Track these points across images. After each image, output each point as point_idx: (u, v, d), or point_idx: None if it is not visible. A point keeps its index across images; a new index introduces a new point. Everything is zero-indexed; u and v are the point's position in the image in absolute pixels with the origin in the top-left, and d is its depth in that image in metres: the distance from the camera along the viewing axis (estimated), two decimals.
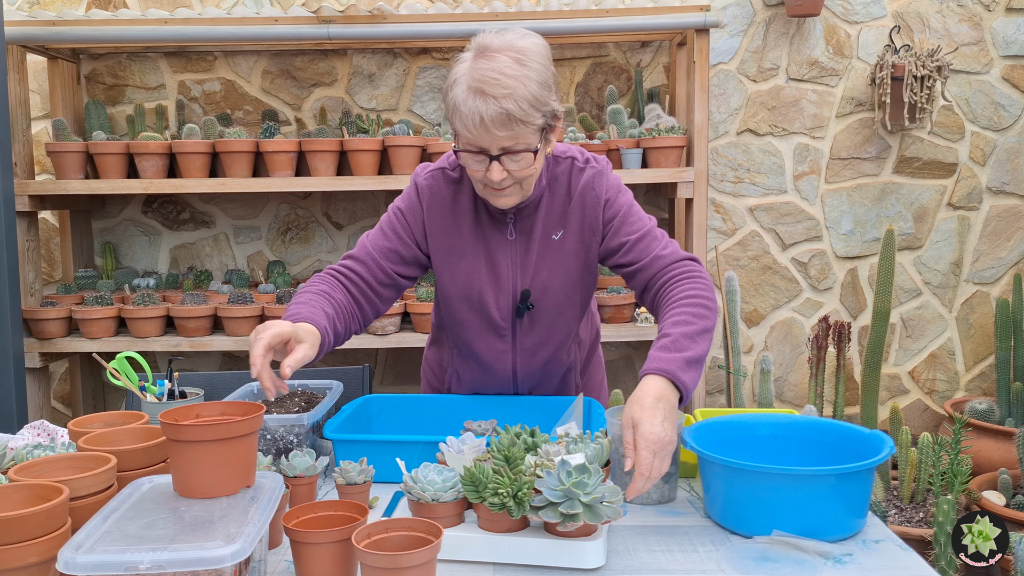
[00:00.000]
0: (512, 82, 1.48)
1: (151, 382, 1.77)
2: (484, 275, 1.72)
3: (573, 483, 1.20)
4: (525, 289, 1.73)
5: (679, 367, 1.44)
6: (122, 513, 1.11)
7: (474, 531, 1.27)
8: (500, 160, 1.54)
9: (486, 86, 1.48)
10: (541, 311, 1.75)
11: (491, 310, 1.74)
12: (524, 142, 1.53)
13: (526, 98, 1.49)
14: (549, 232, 1.71)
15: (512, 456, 1.28)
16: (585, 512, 1.19)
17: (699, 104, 3.03)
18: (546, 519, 1.20)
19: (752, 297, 3.56)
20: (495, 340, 1.78)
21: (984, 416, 3.17)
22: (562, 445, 1.34)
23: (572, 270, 1.73)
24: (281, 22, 3.01)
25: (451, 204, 1.72)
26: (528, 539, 1.24)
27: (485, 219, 1.72)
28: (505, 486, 1.21)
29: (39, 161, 3.40)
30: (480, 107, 1.48)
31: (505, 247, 1.72)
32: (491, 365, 1.82)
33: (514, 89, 1.48)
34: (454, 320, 1.80)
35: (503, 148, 1.52)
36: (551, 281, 1.73)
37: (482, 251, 1.72)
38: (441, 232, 1.72)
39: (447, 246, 1.73)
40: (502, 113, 1.47)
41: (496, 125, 1.48)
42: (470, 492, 1.25)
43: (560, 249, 1.71)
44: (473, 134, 1.51)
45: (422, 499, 1.27)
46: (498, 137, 1.50)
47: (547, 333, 1.78)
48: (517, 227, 1.71)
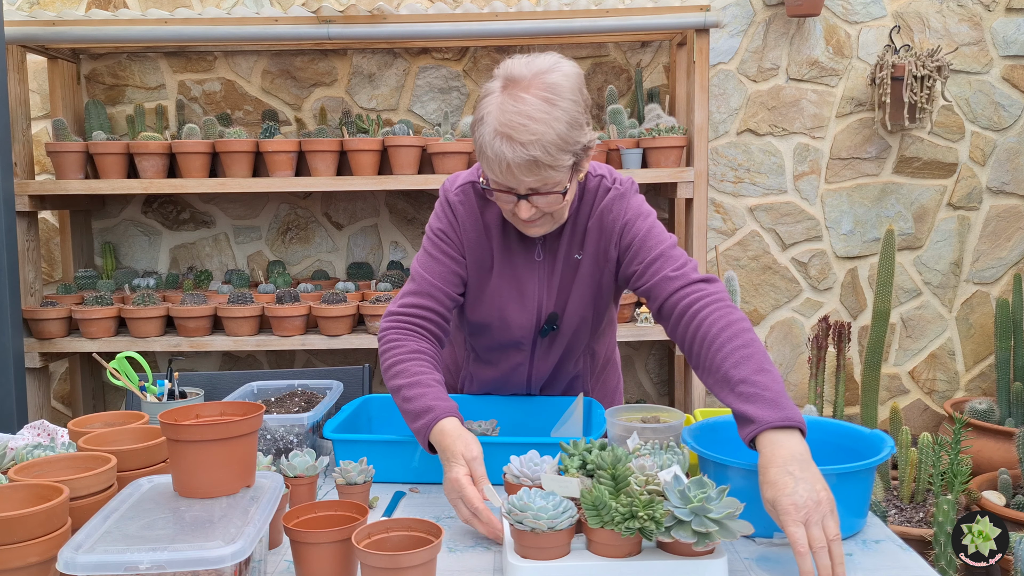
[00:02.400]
0: (540, 127, 1.43)
1: (151, 382, 1.77)
2: (509, 293, 1.70)
3: (700, 499, 1.14)
4: (553, 312, 1.71)
5: (788, 407, 1.29)
6: (122, 513, 1.11)
7: (594, 559, 1.18)
8: (528, 199, 1.52)
9: (513, 132, 1.43)
10: (562, 331, 1.74)
11: (513, 329, 1.72)
12: (552, 183, 1.50)
13: (554, 143, 1.44)
14: (572, 252, 1.69)
15: (620, 474, 1.19)
16: (720, 530, 1.13)
17: (699, 104, 3.03)
18: (680, 539, 1.13)
19: (752, 297, 3.56)
20: (515, 354, 1.78)
21: (984, 416, 3.17)
22: (645, 458, 1.28)
23: (589, 291, 1.71)
24: (281, 22, 3.01)
25: (481, 220, 1.69)
26: (654, 562, 1.17)
27: (513, 237, 1.69)
28: (642, 508, 1.14)
29: (39, 161, 3.40)
30: (507, 152, 1.44)
31: (532, 267, 1.70)
32: (506, 375, 1.82)
33: (542, 135, 1.43)
34: (475, 332, 1.78)
35: (531, 189, 1.50)
36: (574, 302, 1.71)
37: (508, 269, 1.69)
38: (475, 246, 1.69)
39: (478, 260, 1.70)
40: (530, 160, 1.44)
41: (522, 171, 1.46)
42: (592, 517, 1.16)
43: (581, 271, 1.69)
44: (500, 178, 1.49)
45: (536, 528, 1.17)
46: (525, 181, 1.47)
47: (566, 351, 1.78)
48: (545, 247, 1.69)
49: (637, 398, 3.59)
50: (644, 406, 1.67)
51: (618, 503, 1.16)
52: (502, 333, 1.73)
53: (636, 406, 1.66)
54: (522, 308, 1.70)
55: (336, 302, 3.03)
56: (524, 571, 1.17)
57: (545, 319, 1.72)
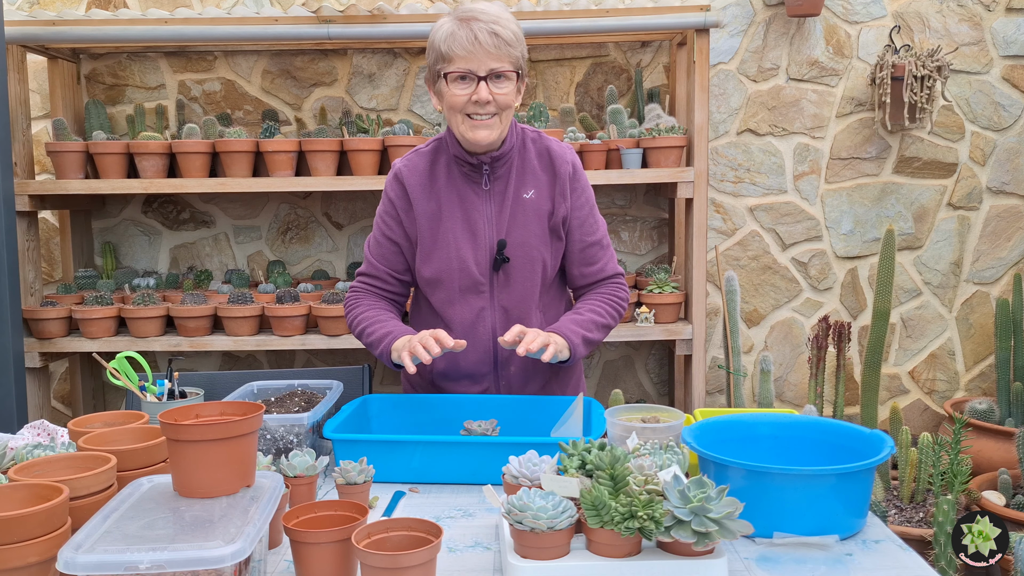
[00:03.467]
0: (501, 12, 1.76)
1: (151, 382, 1.77)
2: (462, 231, 1.86)
3: (699, 499, 1.14)
4: (501, 239, 1.85)
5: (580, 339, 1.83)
6: (122, 513, 1.11)
7: (593, 559, 1.19)
8: (488, 80, 1.74)
9: (476, 15, 1.73)
10: (515, 267, 1.87)
11: (470, 264, 1.86)
12: (509, 65, 1.75)
13: (511, 28, 1.75)
14: (520, 191, 1.87)
15: (618, 474, 1.20)
16: (720, 530, 1.14)
17: (699, 104, 3.03)
18: (680, 539, 1.14)
19: (752, 297, 3.56)
20: (474, 298, 1.88)
21: (984, 416, 3.17)
22: (645, 457, 1.28)
23: (539, 227, 1.88)
24: (281, 22, 3.01)
25: (428, 173, 1.89)
26: (653, 562, 1.17)
27: (459, 178, 1.88)
28: (641, 508, 1.14)
29: (39, 161, 3.40)
30: (473, 28, 1.72)
31: (480, 205, 1.87)
32: (472, 326, 1.88)
33: (500, 17, 1.74)
34: (434, 284, 1.90)
35: (491, 70, 1.74)
36: (525, 237, 1.86)
37: (459, 211, 1.87)
38: (421, 199, 1.88)
39: (428, 212, 1.88)
40: (493, 33, 1.72)
41: (488, 43, 1.71)
42: (592, 517, 1.17)
43: (531, 207, 1.87)
44: (466, 52, 1.72)
45: (536, 528, 1.17)
46: (488, 56, 1.73)
47: (521, 290, 1.88)
48: (492, 180, 1.86)
49: (637, 398, 3.59)
50: (644, 406, 1.67)
51: (617, 503, 1.16)
52: (461, 275, 1.87)
53: (636, 406, 1.67)
54: (475, 244, 1.86)
55: (336, 302, 3.03)
56: (524, 571, 1.17)
57: (495, 249, 1.87)
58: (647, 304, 3.09)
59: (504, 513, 1.21)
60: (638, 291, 3.15)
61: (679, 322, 3.15)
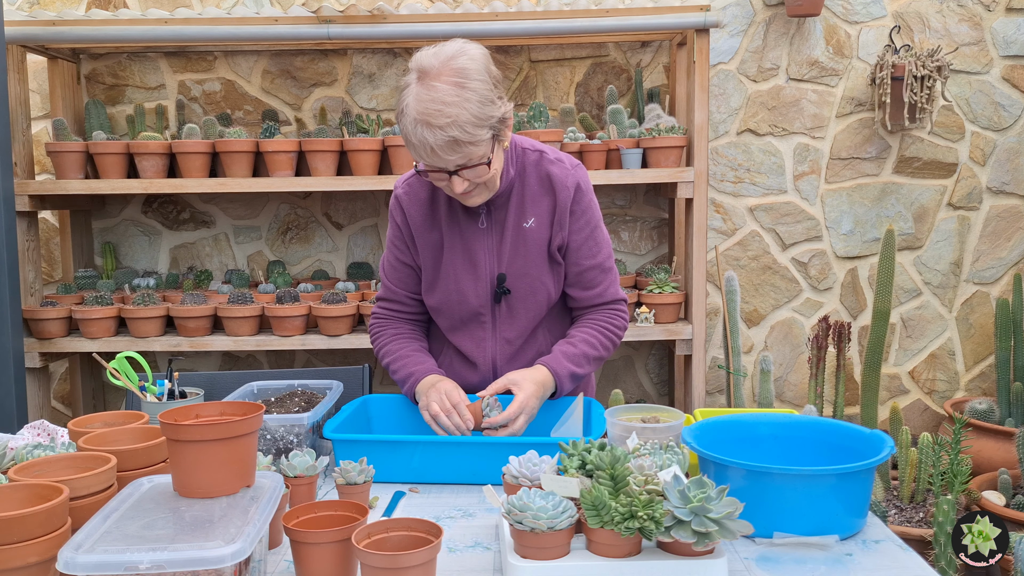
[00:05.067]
0: (454, 110, 1.58)
1: (151, 382, 1.77)
2: (462, 264, 1.84)
3: (699, 499, 1.14)
4: (501, 273, 1.83)
5: (568, 376, 1.80)
6: (122, 513, 1.11)
7: (593, 559, 1.18)
8: (458, 174, 1.66)
9: (431, 118, 1.58)
10: (517, 297, 1.84)
11: (469, 297, 1.84)
12: (476, 157, 1.64)
13: (469, 121, 1.59)
14: (521, 220, 1.83)
15: (618, 474, 1.20)
16: (720, 530, 1.14)
17: (699, 104, 3.03)
18: (680, 539, 1.13)
19: (752, 297, 3.56)
20: (476, 328, 1.87)
21: (984, 416, 3.17)
22: (645, 457, 1.27)
23: (540, 256, 1.84)
24: (281, 22, 3.01)
25: (428, 203, 1.86)
26: (653, 562, 1.17)
27: (460, 212, 1.84)
28: (641, 508, 1.14)
29: (39, 161, 3.40)
30: (429, 137, 1.59)
31: (480, 237, 1.84)
32: (473, 353, 1.88)
33: (456, 116, 1.58)
34: (438, 312, 1.90)
35: (458, 165, 1.64)
36: (526, 267, 1.83)
37: (459, 243, 1.84)
38: (423, 229, 1.85)
39: (429, 243, 1.86)
40: (449, 140, 1.59)
41: (445, 151, 1.61)
42: (592, 517, 1.16)
43: (532, 237, 1.83)
44: (427, 160, 1.65)
45: (536, 528, 1.17)
46: (451, 160, 1.62)
47: (525, 319, 1.87)
48: (490, 217, 1.83)
49: (637, 398, 3.59)
50: (644, 406, 1.67)
51: (617, 503, 1.16)
52: (461, 307, 1.85)
53: (636, 406, 1.67)
54: (475, 277, 1.84)
55: (336, 302, 3.03)
56: (524, 571, 1.17)
57: (496, 283, 1.84)
58: (647, 304, 3.09)
59: (504, 513, 1.21)
60: (638, 291, 3.15)
61: (679, 322, 3.15)
